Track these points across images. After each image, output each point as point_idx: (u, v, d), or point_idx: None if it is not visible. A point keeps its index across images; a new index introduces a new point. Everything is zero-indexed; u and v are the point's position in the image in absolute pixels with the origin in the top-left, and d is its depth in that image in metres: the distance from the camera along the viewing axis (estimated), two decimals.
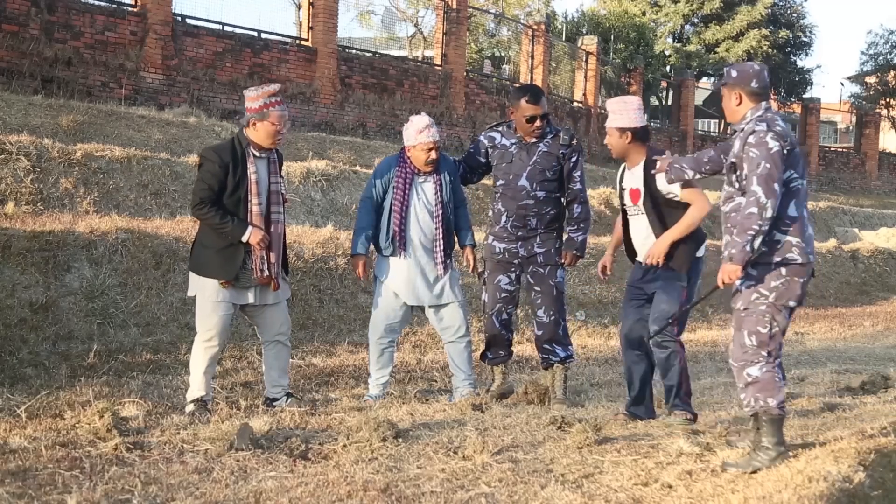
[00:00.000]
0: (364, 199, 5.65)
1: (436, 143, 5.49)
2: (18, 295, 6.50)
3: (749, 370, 4.10)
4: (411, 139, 5.50)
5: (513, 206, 5.61)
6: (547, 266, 5.63)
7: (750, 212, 3.99)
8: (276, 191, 5.14)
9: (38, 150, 8.43)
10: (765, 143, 4.04)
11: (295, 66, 15.36)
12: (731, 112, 4.30)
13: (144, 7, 13.13)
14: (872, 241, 18.33)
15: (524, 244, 5.63)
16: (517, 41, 23.38)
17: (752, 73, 4.25)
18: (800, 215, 4.13)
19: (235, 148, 5.02)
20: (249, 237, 4.96)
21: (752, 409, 4.11)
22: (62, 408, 4.83)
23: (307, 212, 10.29)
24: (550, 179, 5.59)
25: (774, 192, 3.99)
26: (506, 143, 5.66)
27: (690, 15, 29.91)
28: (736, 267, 4.03)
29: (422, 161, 5.51)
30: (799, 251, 4.09)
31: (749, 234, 3.99)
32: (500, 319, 5.72)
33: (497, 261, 5.69)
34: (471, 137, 18.60)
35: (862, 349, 9.10)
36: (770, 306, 4.09)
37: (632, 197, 5.10)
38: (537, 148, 5.59)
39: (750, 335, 4.11)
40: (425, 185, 5.57)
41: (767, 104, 4.23)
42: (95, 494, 3.43)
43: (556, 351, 5.68)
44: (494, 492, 3.71)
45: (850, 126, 37.23)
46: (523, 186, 5.57)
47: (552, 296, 5.63)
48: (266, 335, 5.26)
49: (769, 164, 4.00)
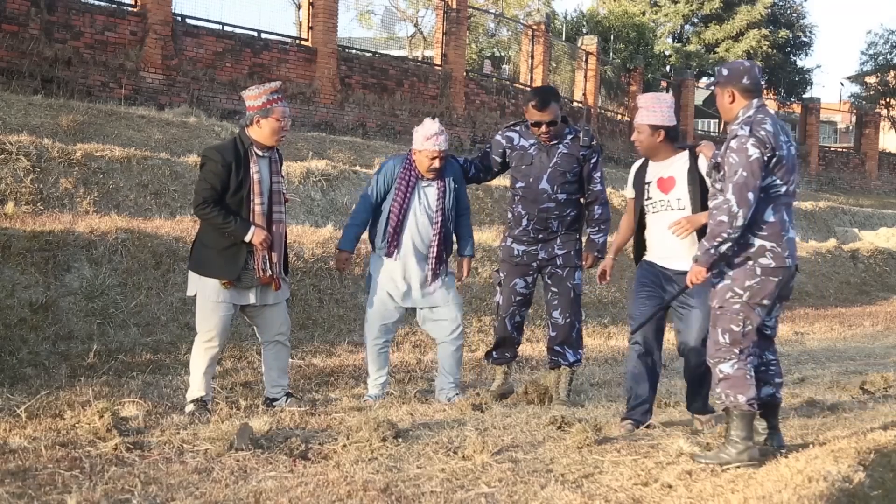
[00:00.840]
0: (363, 196, 5.64)
1: (441, 153, 5.45)
2: (18, 295, 6.50)
3: (721, 367, 4.17)
4: (418, 143, 5.49)
5: (533, 209, 5.55)
6: (566, 268, 5.59)
7: (720, 219, 4.05)
8: (277, 190, 5.14)
9: (38, 150, 8.44)
10: (745, 149, 4.06)
11: (295, 66, 15.36)
12: (726, 111, 4.30)
13: (144, 7, 13.14)
14: (872, 241, 18.34)
15: (544, 246, 5.59)
16: (517, 41, 23.39)
17: (743, 69, 4.25)
18: (778, 220, 4.15)
19: (238, 147, 5.02)
20: (252, 237, 4.96)
21: (723, 403, 4.21)
22: (62, 408, 4.82)
23: (307, 212, 10.29)
24: (571, 181, 5.53)
25: (747, 201, 4.02)
26: (524, 145, 5.59)
27: (690, 15, 29.92)
28: (701, 269, 4.15)
29: (424, 167, 5.50)
30: (773, 255, 4.12)
31: (717, 241, 4.06)
32: (513, 322, 5.69)
33: (515, 263, 5.63)
34: (471, 137, 18.63)
35: (862, 349, 9.10)
36: (744, 305, 4.14)
37: (661, 187, 4.89)
38: (557, 149, 5.51)
39: (724, 333, 4.17)
40: (428, 190, 5.55)
41: (760, 101, 4.21)
42: (95, 494, 3.43)
43: (566, 354, 5.64)
44: (494, 492, 3.71)
45: (850, 126, 37.23)
46: (544, 189, 5.51)
47: (569, 298, 5.59)
48: (265, 335, 5.26)
49: (745, 173, 4.03)
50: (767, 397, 4.35)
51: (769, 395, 4.36)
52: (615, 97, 25.56)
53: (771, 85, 33.33)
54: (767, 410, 4.38)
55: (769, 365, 4.39)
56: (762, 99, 4.25)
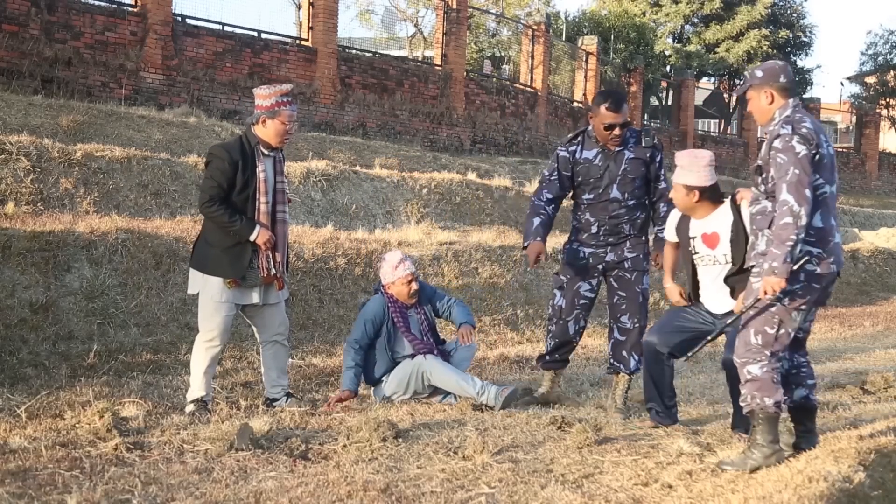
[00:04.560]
0: (351, 342, 5.52)
1: (413, 275, 5.62)
2: (18, 295, 6.50)
3: (750, 367, 4.09)
4: (389, 276, 5.62)
5: (604, 216, 5.45)
6: (634, 272, 5.48)
7: (785, 222, 3.90)
8: (281, 190, 5.15)
9: (38, 150, 8.44)
10: (791, 147, 3.96)
11: (295, 66, 15.36)
12: (762, 112, 4.20)
13: (144, 7, 13.14)
14: (872, 241, 18.31)
15: (614, 249, 5.49)
16: (517, 41, 23.39)
17: (779, 68, 4.19)
18: (826, 225, 4.06)
19: (244, 145, 5.02)
20: (258, 237, 4.96)
21: (748, 406, 4.12)
22: (62, 408, 4.82)
23: (307, 212, 10.29)
24: (639, 186, 5.45)
25: (806, 198, 3.91)
26: (588, 157, 5.45)
27: (690, 15, 29.89)
28: (780, 280, 3.93)
29: (405, 294, 5.61)
30: (819, 261, 4.03)
31: (787, 245, 3.90)
32: (578, 326, 5.58)
33: (580, 266, 5.52)
34: (471, 137, 18.62)
35: (862, 349, 9.10)
36: (781, 308, 4.06)
37: (707, 242, 4.73)
38: (623, 156, 5.40)
39: (756, 334, 4.09)
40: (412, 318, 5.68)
41: (796, 101, 4.14)
42: (95, 494, 3.44)
43: (629, 360, 5.50)
44: (495, 492, 3.71)
45: (850, 126, 37.25)
46: (616, 198, 5.41)
47: (638, 302, 5.47)
48: (265, 335, 5.26)
49: (798, 170, 3.92)
50: (801, 399, 4.30)
51: (802, 397, 4.30)
52: None
53: None
54: (802, 413, 4.32)
55: (800, 367, 4.33)
56: (797, 99, 4.18)
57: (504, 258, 9.99)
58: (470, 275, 9.45)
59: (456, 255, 9.57)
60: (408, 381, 5.53)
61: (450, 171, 13.72)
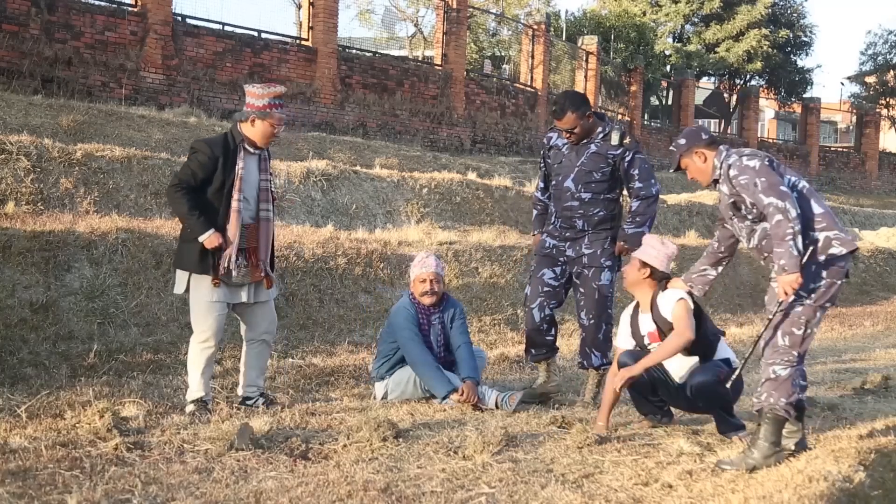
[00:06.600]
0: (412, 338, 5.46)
1: (430, 275, 5.53)
2: (18, 295, 6.50)
3: (775, 368, 4.15)
4: (411, 273, 5.65)
5: (559, 206, 5.60)
6: (591, 268, 5.54)
7: (777, 220, 4.03)
8: (265, 188, 5.12)
9: (38, 150, 8.43)
10: (745, 166, 4.17)
11: (295, 66, 15.36)
12: (703, 172, 4.38)
13: (144, 7, 13.14)
14: (872, 241, 18.31)
15: (572, 245, 5.59)
16: (517, 41, 23.39)
17: (697, 128, 4.47)
18: (825, 210, 4.21)
19: (228, 142, 5.01)
20: (206, 239, 4.88)
21: (759, 403, 4.17)
22: (62, 408, 4.82)
23: (307, 212, 10.29)
24: (598, 181, 5.49)
25: (786, 193, 4.06)
26: (559, 144, 5.65)
27: (691, 15, 29.90)
28: (794, 275, 4.00)
29: (418, 292, 5.57)
30: (840, 242, 4.13)
31: (788, 239, 4.00)
32: (543, 314, 5.63)
33: (544, 254, 5.67)
34: (471, 137, 18.64)
35: (862, 349, 9.10)
36: (806, 308, 4.14)
37: (652, 339, 4.90)
38: (587, 149, 5.51)
39: (784, 335, 4.16)
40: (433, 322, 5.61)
41: (725, 145, 4.35)
42: (95, 494, 3.44)
43: (591, 357, 5.61)
44: (495, 492, 3.71)
45: (850, 126, 37.28)
46: (568, 188, 5.53)
47: (594, 298, 5.53)
48: (253, 333, 5.25)
49: (762, 178, 4.10)
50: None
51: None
52: (615, 97, 25.56)
53: (771, 85, 33.37)
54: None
55: None
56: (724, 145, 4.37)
57: (504, 258, 9.99)
58: (470, 274, 9.45)
59: (456, 254, 9.57)
60: (404, 387, 5.56)
61: (450, 170, 13.71)
